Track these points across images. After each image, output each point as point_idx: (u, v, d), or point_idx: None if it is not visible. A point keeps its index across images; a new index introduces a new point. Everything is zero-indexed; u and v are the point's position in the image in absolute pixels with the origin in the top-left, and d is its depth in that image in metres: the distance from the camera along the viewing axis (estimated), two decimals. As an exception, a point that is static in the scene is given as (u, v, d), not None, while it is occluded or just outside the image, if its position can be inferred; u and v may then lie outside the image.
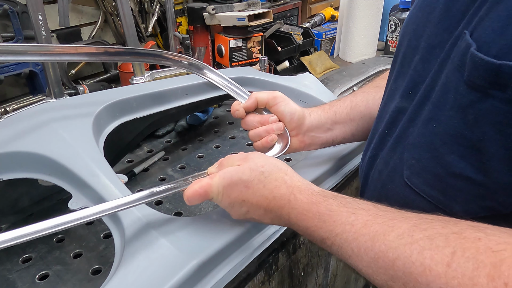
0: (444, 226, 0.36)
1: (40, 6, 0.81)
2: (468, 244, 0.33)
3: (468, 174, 0.40)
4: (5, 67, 0.96)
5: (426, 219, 0.38)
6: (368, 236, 0.39)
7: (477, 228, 0.34)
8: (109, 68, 1.21)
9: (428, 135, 0.43)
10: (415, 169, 0.46)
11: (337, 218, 0.43)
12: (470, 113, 0.38)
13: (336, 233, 0.43)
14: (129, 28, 0.90)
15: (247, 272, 0.55)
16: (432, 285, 0.33)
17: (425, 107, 0.45)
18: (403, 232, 0.37)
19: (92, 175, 0.55)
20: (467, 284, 0.31)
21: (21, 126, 0.62)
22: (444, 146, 0.42)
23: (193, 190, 0.48)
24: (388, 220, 0.39)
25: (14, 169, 0.58)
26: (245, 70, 0.97)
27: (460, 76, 0.38)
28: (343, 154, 0.76)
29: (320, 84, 0.97)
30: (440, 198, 0.44)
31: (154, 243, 0.50)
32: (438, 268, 0.33)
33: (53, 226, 0.42)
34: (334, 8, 1.69)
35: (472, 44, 0.36)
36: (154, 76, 0.96)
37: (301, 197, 0.47)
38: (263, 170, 0.49)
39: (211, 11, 1.21)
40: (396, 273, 0.36)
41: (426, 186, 0.45)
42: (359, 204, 0.43)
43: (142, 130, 0.86)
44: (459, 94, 0.39)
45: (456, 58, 0.39)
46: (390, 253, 0.37)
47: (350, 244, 0.41)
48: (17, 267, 0.62)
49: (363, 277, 1.24)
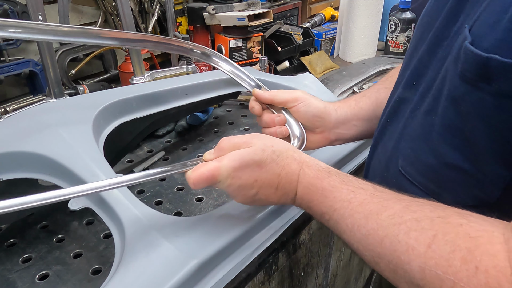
0: (432, 210, 0.38)
1: (40, 6, 0.81)
2: (450, 229, 0.35)
3: (460, 164, 0.42)
4: (5, 67, 0.97)
5: (418, 202, 0.39)
6: (363, 214, 0.41)
7: (462, 215, 0.36)
8: (109, 68, 1.21)
9: (426, 126, 0.45)
10: (410, 159, 0.48)
11: (337, 194, 0.45)
12: (462, 105, 0.40)
13: (334, 209, 0.45)
14: (129, 28, 0.90)
15: (247, 272, 0.55)
16: (412, 263, 0.35)
17: (426, 99, 0.46)
18: (394, 212, 0.39)
19: (92, 175, 0.55)
20: (443, 265, 0.33)
21: (21, 126, 0.62)
22: (439, 137, 0.43)
23: (199, 173, 0.46)
24: (383, 200, 0.41)
25: (14, 169, 0.58)
26: (245, 70, 0.97)
27: (455, 69, 0.40)
28: (343, 154, 0.76)
29: (320, 84, 0.97)
30: (432, 187, 0.46)
31: (154, 243, 0.50)
32: (419, 248, 0.35)
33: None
34: (334, 8, 1.69)
35: (468, 37, 0.38)
36: (154, 76, 0.96)
37: (308, 172, 0.49)
38: (274, 150, 0.50)
39: (211, 11, 1.21)
40: (383, 251, 0.38)
41: (419, 176, 0.47)
42: (359, 184, 0.45)
43: (142, 130, 0.86)
44: (453, 86, 0.40)
45: (454, 51, 0.40)
46: (380, 231, 0.39)
47: (346, 220, 0.43)
48: (17, 267, 0.62)
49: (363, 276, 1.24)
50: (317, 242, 0.76)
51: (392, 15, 1.51)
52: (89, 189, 0.45)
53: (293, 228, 0.63)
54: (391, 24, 1.52)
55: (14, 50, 1.00)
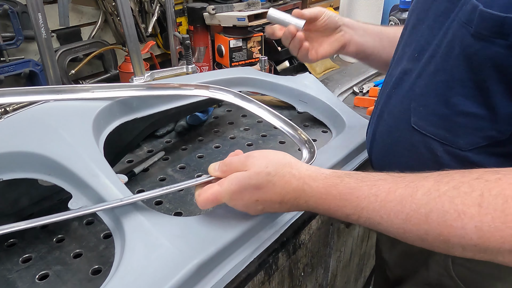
0: (463, 175, 0.40)
1: (40, 6, 0.81)
2: (491, 185, 0.37)
3: (473, 110, 0.48)
4: (5, 67, 0.96)
5: (444, 174, 0.42)
6: (396, 201, 0.42)
7: (493, 171, 0.39)
8: (109, 68, 1.21)
9: (435, 83, 0.51)
10: (422, 114, 0.54)
11: (359, 194, 0.45)
12: (475, 60, 0.46)
13: (361, 207, 0.45)
14: (129, 28, 0.90)
15: (247, 272, 0.55)
16: (467, 226, 0.37)
17: (431, 63, 0.52)
18: (428, 189, 0.41)
19: (92, 175, 0.55)
20: (500, 216, 0.36)
21: (21, 126, 0.62)
22: (450, 91, 0.50)
23: (205, 197, 0.51)
24: (409, 182, 0.43)
25: (14, 169, 0.58)
26: (245, 70, 0.97)
27: (466, 31, 0.46)
28: (343, 155, 0.76)
29: (320, 84, 0.97)
30: (446, 135, 0.51)
31: (154, 243, 0.50)
32: (470, 210, 0.37)
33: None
34: (334, 8, 1.69)
35: (479, 4, 0.44)
36: (154, 76, 0.96)
37: (316, 184, 0.49)
38: (269, 171, 0.49)
39: (211, 11, 1.21)
40: (430, 226, 0.40)
41: (432, 127, 0.53)
42: (375, 176, 0.46)
43: (142, 130, 0.86)
44: (465, 45, 0.47)
45: (462, 17, 0.47)
46: (422, 209, 0.40)
47: (379, 212, 0.43)
48: (17, 267, 0.62)
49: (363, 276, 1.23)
50: (317, 242, 0.76)
51: (392, 15, 1.51)
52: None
53: (293, 228, 0.63)
54: (391, 24, 1.52)
55: (14, 50, 1.00)
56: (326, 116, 0.93)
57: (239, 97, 0.77)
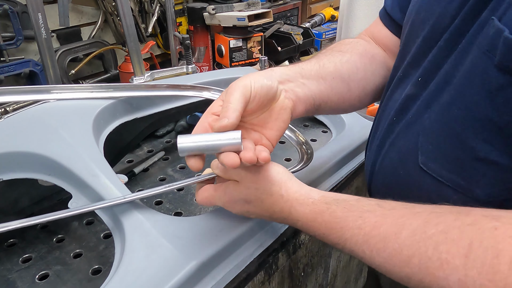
0: (456, 218, 0.36)
1: (40, 6, 0.81)
2: (485, 234, 0.33)
3: (494, 158, 0.40)
4: (5, 67, 0.97)
5: (437, 213, 0.37)
6: (379, 237, 0.40)
7: (491, 217, 0.34)
8: (109, 68, 1.21)
9: (448, 120, 0.43)
10: (432, 154, 0.46)
11: (344, 224, 0.43)
12: (500, 97, 0.38)
13: (345, 238, 0.43)
14: (129, 28, 0.90)
15: (247, 272, 0.55)
16: (450, 278, 0.33)
17: (443, 93, 0.44)
18: (415, 229, 0.37)
19: (92, 175, 0.55)
20: (488, 273, 0.31)
21: (21, 126, 0.62)
22: (467, 131, 0.41)
23: (202, 197, 0.52)
24: (397, 218, 0.39)
25: (14, 169, 0.58)
26: (245, 70, 0.97)
27: (488, 61, 0.38)
28: (343, 155, 0.76)
29: (320, 84, 0.97)
30: (461, 182, 0.43)
31: (154, 243, 0.50)
32: (455, 261, 0.33)
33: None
34: (334, 8, 1.69)
35: (504, 29, 0.36)
36: (154, 76, 0.96)
37: (302, 209, 0.47)
38: (257, 187, 0.49)
39: (211, 11, 1.21)
40: (412, 270, 0.36)
41: (444, 171, 0.45)
42: (364, 206, 0.43)
43: (142, 130, 0.86)
44: (488, 78, 0.38)
45: (484, 43, 0.39)
46: (405, 251, 0.37)
47: (361, 247, 0.41)
48: (17, 267, 0.62)
49: (363, 276, 1.23)
50: (317, 242, 0.76)
51: (392, 15, 1.51)
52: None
53: (293, 228, 0.63)
54: (391, 24, 1.52)
55: (14, 50, 1.00)
56: (326, 116, 0.93)
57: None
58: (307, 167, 0.67)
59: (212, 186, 0.52)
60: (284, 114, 0.51)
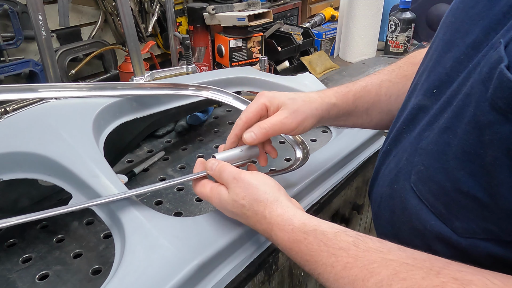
0: (424, 276, 0.34)
1: (40, 6, 0.81)
2: None
3: (475, 193, 0.37)
4: (5, 67, 0.96)
5: (408, 265, 0.36)
6: (348, 279, 0.39)
7: (461, 282, 0.32)
8: (109, 68, 1.21)
9: (442, 144, 0.40)
10: (423, 176, 0.43)
11: (318, 259, 0.43)
12: (487, 133, 0.34)
13: (318, 273, 0.43)
14: (129, 28, 0.90)
15: (247, 272, 0.55)
16: None
17: (445, 114, 0.41)
18: (382, 279, 0.37)
19: (92, 175, 0.55)
20: None
21: (21, 126, 0.62)
22: (455, 160, 0.38)
23: (198, 191, 0.56)
24: (368, 263, 0.39)
25: (14, 169, 0.58)
26: (245, 70, 0.97)
27: (484, 91, 0.34)
28: (343, 155, 0.76)
29: (320, 84, 0.97)
30: (443, 211, 0.41)
31: (154, 243, 0.50)
32: None
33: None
34: (334, 8, 1.69)
35: (504, 59, 0.32)
36: (154, 76, 0.96)
37: (281, 235, 0.47)
38: (243, 203, 0.50)
39: (211, 11, 1.21)
40: None
41: (430, 196, 0.43)
42: (340, 243, 0.42)
43: (142, 130, 0.86)
44: (479, 111, 0.35)
45: (484, 69, 0.35)
46: None
47: (332, 285, 0.41)
48: (17, 267, 0.62)
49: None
50: (317, 242, 0.76)
51: (392, 15, 1.51)
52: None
53: (293, 228, 0.63)
54: (391, 24, 1.52)
55: (14, 50, 1.00)
56: (326, 116, 0.93)
57: (239, 100, 0.77)
58: (307, 167, 0.67)
59: (208, 185, 0.55)
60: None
